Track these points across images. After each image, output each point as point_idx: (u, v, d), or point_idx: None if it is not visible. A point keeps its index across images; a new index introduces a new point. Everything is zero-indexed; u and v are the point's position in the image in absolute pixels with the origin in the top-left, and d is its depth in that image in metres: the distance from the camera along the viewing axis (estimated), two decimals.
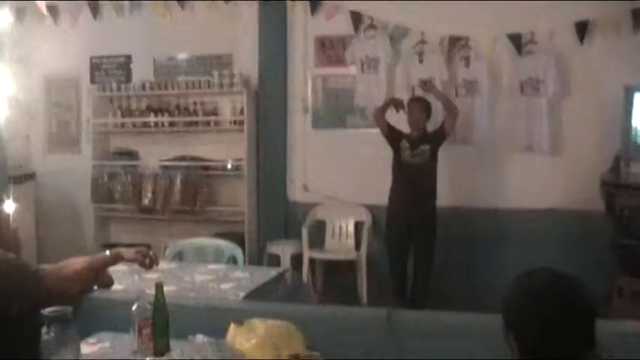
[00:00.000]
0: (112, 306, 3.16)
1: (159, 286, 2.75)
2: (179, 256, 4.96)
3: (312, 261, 7.11)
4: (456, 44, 7.04)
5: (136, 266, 3.71)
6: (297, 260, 7.00)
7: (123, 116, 7.99)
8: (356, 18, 7.27)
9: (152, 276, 3.77)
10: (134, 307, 2.78)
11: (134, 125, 7.94)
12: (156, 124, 7.80)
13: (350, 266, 7.11)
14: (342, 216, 7.38)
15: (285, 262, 6.87)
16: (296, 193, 7.69)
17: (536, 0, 6.67)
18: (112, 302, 3.25)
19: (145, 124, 7.87)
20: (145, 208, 7.70)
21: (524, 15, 6.81)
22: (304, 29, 7.54)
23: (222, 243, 5.14)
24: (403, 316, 2.92)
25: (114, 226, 8.30)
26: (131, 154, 8.06)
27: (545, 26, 6.81)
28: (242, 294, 3.60)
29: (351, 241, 7.33)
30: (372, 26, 7.26)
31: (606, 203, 6.29)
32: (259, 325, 2.78)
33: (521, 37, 6.87)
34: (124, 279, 3.76)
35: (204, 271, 4.21)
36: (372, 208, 7.17)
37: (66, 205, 8.40)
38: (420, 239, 6.35)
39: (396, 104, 6.49)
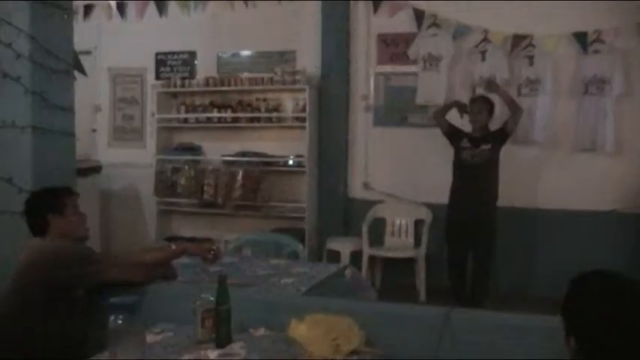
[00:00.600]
0: (176, 297, 3.23)
1: (222, 279, 2.80)
2: (240, 250, 5.02)
3: (371, 258, 7.12)
4: (519, 43, 6.98)
5: (199, 259, 3.80)
6: (356, 257, 7.02)
7: (187, 111, 8.10)
8: (419, 15, 7.25)
9: (214, 269, 3.83)
10: (198, 299, 2.84)
11: (197, 120, 8.03)
12: (219, 119, 7.88)
13: (409, 264, 7.10)
14: (401, 214, 7.37)
15: (345, 258, 6.89)
16: (356, 190, 7.71)
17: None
18: (176, 293, 3.32)
19: (209, 120, 7.96)
20: (207, 202, 7.79)
21: (590, 13, 6.73)
22: (367, 26, 7.56)
23: (283, 238, 5.19)
24: (462, 315, 2.92)
25: (175, 220, 8.42)
26: (194, 149, 8.17)
27: (611, 25, 6.70)
28: (303, 289, 3.63)
29: (411, 239, 7.31)
30: (434, 24, 7.24)
31: None
32: (320, 320, 2.81)
33: (587, 36, 6.78)
34: (187, 272, 3.83)
35: (265, 265, 4.25)
36: (432, 207, 7.13)
37: (130, 197, 8.57)
38: (479, 239, 6.30)
39: (460, 107, 6.46)
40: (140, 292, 3.27)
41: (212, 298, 2.82)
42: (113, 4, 7.74)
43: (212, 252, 3.67)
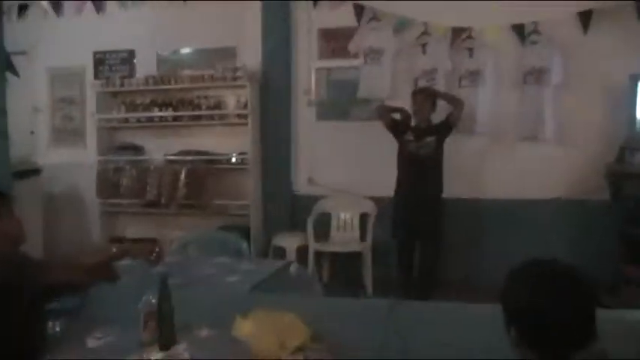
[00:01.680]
0: (118, 299, 3.16)
1: (163, 278, 2.75)
2: (185, 250, 4.96)
3: (317, 253, 7.11)
4: (459, 35, 7.03)
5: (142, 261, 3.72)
6: (302, 253, 7.01)
7: (127, 111, 7.98)
8: (359, 9, 7.25)
9: (157, 270, 3.76)
10: (140, 301, 2.79)
11: (138, 120, 7.92)
12: (160, 118, 7.78)
13: (355, 258, 7.11)
14: (347, 208, 7.38)
15: (291, 254, 6.88)
16: (301, 186, 7.70)
17: None
18: (119, 296, 3.25)
19: (150, 119, 7.85)
20: (151, 202, 7.69)
21: (528, 5, 6.79)
22: (308, 21, 7.54)
23: (227, 236, 5.14)
24: (406, 307, 2.92)
25: (119, 221, 8.29)
26: (136, 149, 8.06)
27: (548, 16, 6.79)
28: (248, 286, 3.60)
29: (356, 233, 7.33)
30: (375, 18, 7.25)
31: (612, 193, 6.30)
32: (264, 317, 2.80)
33: (525, 28, 6.86)
34: (129, 273, 3.75)
35: (210, 263, 4.20)
36: (376, 200, 7.15)
37: (72, 199, 8.43)
38: (426, 230, 6.34)
39: (405, 116, 6.50)
40: (82, 297, 3.19)
41: (154, 300, 2.78)
42: (46, 3, 7.57)
43: (154, 253, 3.59)
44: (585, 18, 6.68)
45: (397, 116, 6.55)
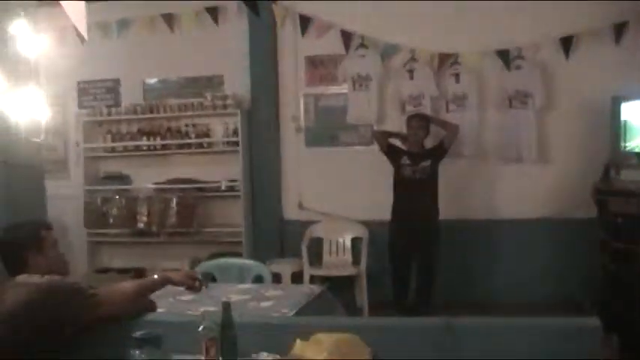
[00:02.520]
0: (176, 327, 3.17)
1: (226, 306, 2.78)
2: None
3: (311, 278, 7.15)
4: (445, 60, 7.19)
5: (170, 288, 3.73)
6: (296, 278, 7.04)
7: (113, 140, 7.96)
8: (346, 36, 7.36)
9: (186, 297, 3.80)
10: (201, 328, 2.81)
11: (125, 149, 7.91)
12: (148, 147, 7.79)
13: (348, 281, 7.16)
14: (338, 232, 7.44)
15: (286, 280, 6.91)
16: (291, 212, 7.74)
17: (522, 17, 6.91)
18: (170, 324, 3.26)
19: (137, 148, 7.86)
20: (140, 231, 7.67)
21: (512, 31, 7.02)
22: (294, 48, 7.62)
23: (246, 262, 5.18)
24: (463, 323, 2.99)
25: (106, 251, 8.23)
26: (122, 178, 8.03)
27: (531, 41, 7.00)
28: (285, 311, 3.64)
29: (349, 257, 7.39)
30: (362, 45, 7.37)
31: (598, 210, 6.46)
32: (326, 338, 2.84)
33: (509, 53, 7.04)
34: (161, 302, 3.76)
35: (236, 290, 4.23)
36: (367, 224, 7.25)
37: (56, 230, 8.24)
38: (422, 251, 6.47)
39: (403, 140, 6.64)
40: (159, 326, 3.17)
41: (215, 326, 2.81)
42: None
43: (197, 280, 3.60)
44: (567, 43, 6.89)
45: (394, 141, 6.67)
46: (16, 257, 3.19)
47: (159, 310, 3.57)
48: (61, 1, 3.19)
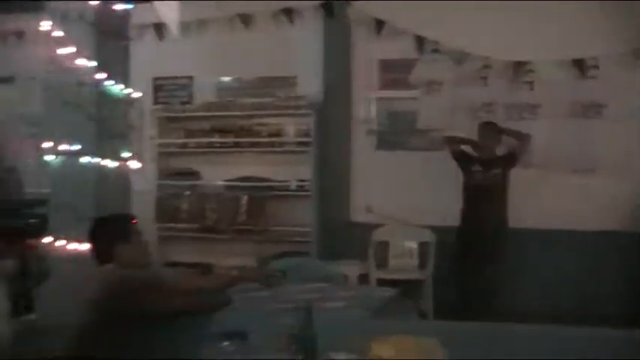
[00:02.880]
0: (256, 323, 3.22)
1: (308, 307, 2.83)
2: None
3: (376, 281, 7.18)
4: (520, 68, 7.13)
5: (245, 285, 3.80)
6: (362, 280, 7.07)
7: (186, 137, 8.10)
8: (420, 41, 7.34)
9: (260, 294, 3.86)
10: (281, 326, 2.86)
11: (198, 145, 8.04)
12: (220, 144, 7.90)
13: (413, 285, 7.16)
14: (405, 237, 7.46)
15: (353, 281, 6.93)
16: (359, 214, 7.77)
17: (598, 26, 6.80)
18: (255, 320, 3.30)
19: (208, 145, 7.97)
20: (209, 227, 7.79)
21: (587, 40, 6.89)
22: (368, 51, 7.64)
23: (319, 262, 5.23)
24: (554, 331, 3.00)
25: (174, 245, 8.35)
26: (193, 174, 8.16)
27: (607, 51, 6.89)
28: (358, 312, 3.67)
29: (415, 261, 7.39)
30: (436, 50, 7.35)
31: None
32: (405, 340, 2.87)
33: (584, 62, 6.95)
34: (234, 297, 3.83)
35: (306, 289, 4.27)
36: (435, 229, 7.24)
37: None
38: (490, 258, 6.44)
39: (473, 146, 6.63)
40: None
41: (293, 325, 2.85)
42: None
43: (272, 277, 3.66)
44: None
45: (465, 147, 6.66)
46: (105, 247, 3.31)
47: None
48: (154, 1, 3.33)
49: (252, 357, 2.55)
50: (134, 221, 3.46)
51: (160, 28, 7.68)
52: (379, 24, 7.34)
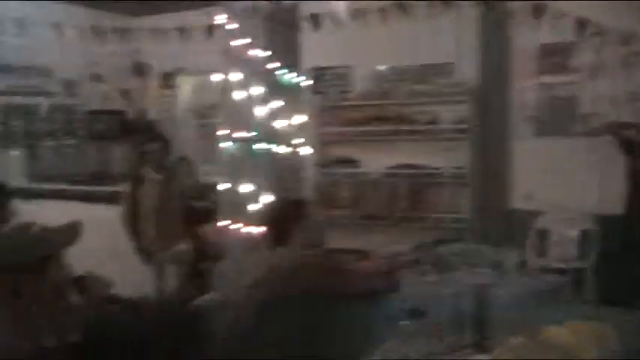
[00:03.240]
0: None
1: (486, 288, 2.89)
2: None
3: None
4: None
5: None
6: (520, 268, 6.99)
7: (344, 125, 8.27)
8: (581, 24, 7.17)
9: (427, 279, 3.93)
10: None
11: (357, 134, 8.20)
12: (378, 132, 8.02)
13: (573, 274, 7.01)
14: (567, 225, 7.29)
15: (510, 269, 6.88)
16: (518, 201, 7.69)
17: None
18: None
19: (366, 133, 8.11)
20: (367, 215, 7.93)
21: None
22: (527, 36, 7.52)
23: (483, 248, 5.25)
24: None
25: (332, 232, 8.50)
26: (351, 162, 8.34)
27: None
28: (527, 297, 3.69)
29: (575, 250, 7.23)
30: (597, 32, 7.16)
31: None
32: (581, 326, 2.89)
33: None
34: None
35: (475, 274, 4.30)
36: (597, 217, 7.06)
37: None
38: None
39: (638, 130, 6.44)
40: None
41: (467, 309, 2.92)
42: None
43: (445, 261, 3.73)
44: None
45: (630, 132, 6.47)
46: (281, 229, 3.50)
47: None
48: None
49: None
50: (308, 204, 3.63)
51: (316, 19, 7.87)
52: (538, 8, 7.24)
